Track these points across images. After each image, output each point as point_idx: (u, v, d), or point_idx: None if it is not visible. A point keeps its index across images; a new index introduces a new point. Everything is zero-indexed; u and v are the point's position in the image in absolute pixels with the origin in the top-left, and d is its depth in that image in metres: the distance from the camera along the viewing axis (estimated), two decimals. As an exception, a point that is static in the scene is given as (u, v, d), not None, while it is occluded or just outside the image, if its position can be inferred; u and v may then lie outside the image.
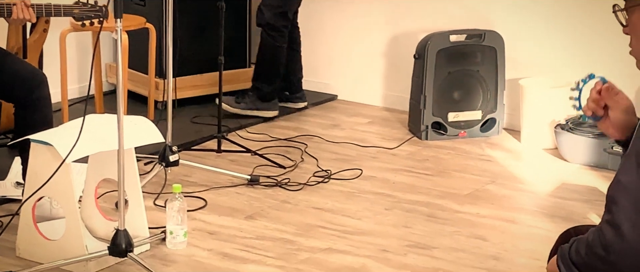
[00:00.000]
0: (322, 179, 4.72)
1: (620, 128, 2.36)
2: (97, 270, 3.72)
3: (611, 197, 2.16)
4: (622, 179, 2.14)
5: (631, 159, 2.14)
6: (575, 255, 2.24)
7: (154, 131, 3.95)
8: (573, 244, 2.27)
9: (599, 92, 2.38)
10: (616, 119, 2.35)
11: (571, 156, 5.02)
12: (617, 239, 2.12)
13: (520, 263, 3.89)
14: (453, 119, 5.38)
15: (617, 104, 2.35)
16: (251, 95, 5.55)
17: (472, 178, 4.81)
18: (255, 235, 4.10)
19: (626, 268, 2.16)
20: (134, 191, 3.88)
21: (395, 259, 3.90)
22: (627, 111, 2.35)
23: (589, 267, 2.22)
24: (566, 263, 2.26)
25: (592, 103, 2.37)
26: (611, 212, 2.14)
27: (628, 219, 2.11)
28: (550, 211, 4.44)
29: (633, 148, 2.15)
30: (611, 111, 2.36)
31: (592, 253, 2.18)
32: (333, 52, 6.06)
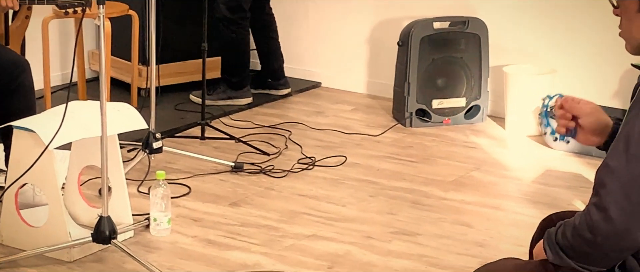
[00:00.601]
0: (306, 166, 4.71)
1: (596, 131, 2.38)
2: (81, 257, 3.70)
3: (599, 180, 2.16)
4: (610, 163, 2.15)
5: (620, 143, 2.14)
6: (562, 238, 2.24)
7: (137, 118, 3.93)
8: (560, 228, 2.27)
9: (561, 106, 2.40)
10: (588, 124, 2.38)
11: (555, 142, 5.02)
12: (604, 222, 2.12)
13: (504, 249, 3.90)
14: (437, 106, 5.37)
15: (583, 110, 2.38)
16: (222, 86, 5.56)
17: (457, 165, 4.81)
18: (240, 222, 4.09)
19: (612, 251, 2.17)
20: (117, 178, 3.86)
21: (379, 245, 3.90)
22: (595, 112, 2.38)
23: (575, 250, 2.22)
24: (552, 246, 2.26)
25: (561, 120, 2.41)
26: (599, 195, 2.14)
27: (615, 203, 2.11)
28: (535, 197, 4.44)
29: (622, 133, 2.15)
30: (581, 120, 2.39)
31: (578, 236, 2.19)
32: (317, 39, 6.05)
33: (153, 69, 4.46)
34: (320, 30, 6.03)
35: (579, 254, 2.21)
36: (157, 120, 4.52)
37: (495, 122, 5.44)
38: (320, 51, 6.05)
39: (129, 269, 3.64)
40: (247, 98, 5.61)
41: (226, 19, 5.46)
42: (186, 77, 5.72)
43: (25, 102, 4.14)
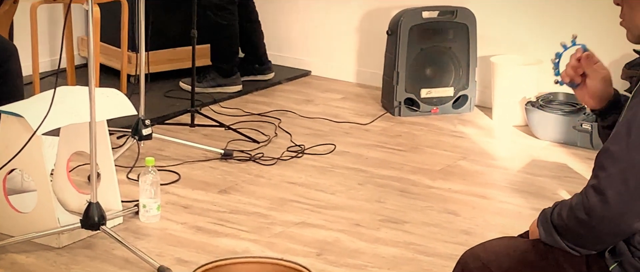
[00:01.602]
0: (295, 153, 4.72)
1: (597, 97, 2.38)
2: (69, 243, 3.71)
3: (599, 163, 2.17)
4: (611, 147, 2.16)
5: (622, 128, 2.15)
6: (557, 218, 2.26)
7: (126, 104, 3.93)
8: (556, 207, 2.28)
9: (578, 59, 2.39)
10: (593, 88, 2.37)
11: (541, 132, 5.06)
12: (601, 205, 2.14)
13: (490, 237, 3.88)
14: (425, 96, 5.40)
15: (596, 73, 2.37)
16: (212, 73, 5.56)
17: (444, 154, 4.83)
18: (229, 209, 4.10)
19: (605, 235, 2.19)
20: (106, 164, 3.87)
21: (367, 233, 3.92)
22: (605, 81, 2.37)
23: (569, 230, 2.23)
24: (546, 226, 2.27)
25: (570, 70, 2.39)
26: (598, 177, 2.16)
27: (613, 187, 2.13)
28: (521, 186, 4.47)
29: (624, 118, 2.17)
30: (589, 80, 2.37)
31: (573, 217, 2.20)
32: (307, 28, 6.06)
33: (142, 55, 4.47)
34: (310, 19, 6.04)
35: (573, 234, 2.22)
36: (146, 107, 4.53)
37: (483, 112, 5.47)
38: (310, 40, 6.06)
39: (118, 255, 3.65)
40: (237, 86, 5.62)
41: (215, 5, 5.46)
42: (176, 64, 5.73)
43: (13, 87, 4.14)
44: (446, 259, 3.73)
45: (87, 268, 3.57)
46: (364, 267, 3.65)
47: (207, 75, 5.58)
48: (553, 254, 2.28)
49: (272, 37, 5.78)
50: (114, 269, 3.56)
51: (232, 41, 5.57)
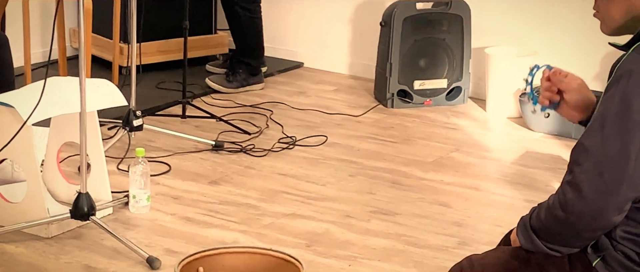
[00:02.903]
0: (286, 145, 4.71)
1: (579, 108, 2.38)
2: (59, 233, 3.70)
3: (574, 159, 2.16)
4: (585, 142, 2.15)
5: (595, 123, 2.14)
6: (536, 220, 2.25)
7: (117, 94, 3.92)
8: (533, 212, 2.28)
9: (548, 78, 2.39)
10: (572, 100, 2.37)
11: (535, 124, 5.04)
12: (577, 200, 2.12)
13: (482, 229, 3.91)
14: (419, 87, 5.38)
15: (569, 86, 2.37)
16: (241, 73, 5.46)
17: (437, 146, 4.82)
18: (219, 200, 4.09)
19: (585, 231, 2.17)
20: (97, 155, 3.85)
21: (358, 224, 3.91)
22: (581, 90, 2.37)
23: (548, 231, 2.22)
24: (525, 232, 2.26)
25: (545, 92, 2.40)
26: (573, 173, 2.15)
27: (589, 181, 2.11)
28: (514, 178, 4.46)
29: (598, 112, 2.16)
30: (566, 94, 2.38)
31: (552, 216, 2.19)
32: (300, 19, 6.04)
33: (134, 46, 4.45)
34: (302, 11, 6.02)
35: (552, 235, 2.21)
36: (138, 99, 4.51)
37: (476, 104, 5.45)
38: (303, 31, 6.04)
39: (108, 245, 3.64)
40: (262, 83, 5.55)
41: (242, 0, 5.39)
42: (168, 56, 5.70)
43: (4, 77, 4.12)
44: (437, 250, 3.72)
45: (76, 258, 3.55)
46: (354, 258, 3.63)
47: (237, 75, 5.46)
48: (535, 258, 2.27)
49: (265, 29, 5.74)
50: (103, 259, 3.55)
51: (260, 36, 5.48)
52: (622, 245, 2.17)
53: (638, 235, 2.16)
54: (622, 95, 2.08)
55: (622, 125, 2.08)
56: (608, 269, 2.19)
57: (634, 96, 2.07)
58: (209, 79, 5.47)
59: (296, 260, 2.69)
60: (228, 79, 5.44)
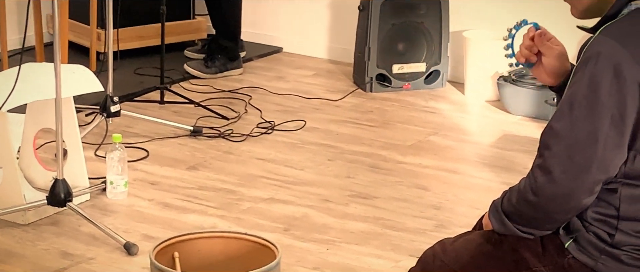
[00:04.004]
0: (265, 130, 4.70)
1: (554, 74, 2.36)
2: (36, 220, 3.69)
3: (544, 142, 2.16)
4: (554, 125, 2.15)
5: (564, 105, 2.14)
6: (507, 204, 2.25)
7: (93, 80, 3.91)
8: (505, 195, 2.28)
9: (532, 38, 2.37)
10: (549, 65, 2.35)
11: (513, 107, 5.06)
12: (548, 184, 2.13)
13: (460, 212, 3.92)
14: (397, 71, 5.38)
15: (551, 50, 2.35)
16: (220, 58, 5.43)
17: (416, 129, 4.82)
18: (197, 185, 4.08)
19: (556, 213, 2.17)
20: (73, 141, 3.84)
21: (337, 208, 3.91)
22: (560, 57, 2.35)
23: (520, 215, 2.22)
24: (497, 215, 2.26)
25: (525, 50, 2.36)
26: (543, 157, 2.15)
27: (559, 165, 2.12)
28: (492, 161, 4.47)
29: (566, 95, 2.16)
30: (544, 57, 2.35)
31: (523, 199, 2.19)
32: (278, 4, 6.02)
33: (110, 32, 4.42)
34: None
35: (524, 218, 2.21)
36: (116, 85, 4.49)
37: (455, 87, 5.46)
38: (282, 16, 6.03)
39: (85, 231, 3.63)
40: (240, 68, 5.53)
41: None
42: (146, 42, 5.68)
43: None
44: (415, 233, 3.73)
45: (54, 244, 3.55)
46: (332, 242, 3.64)
47: (216, 61, 5.43)
48: (507, 241, 2.27)
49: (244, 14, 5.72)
50: (81, 245, 3.54)
51: (238, 19, 5.46)
52: (594, 226, 2.18)
53: (609, 216, 2.17)
54: (590, 78, 2.08)
55: (590, 107, 2.08)
56: (580, 250, 2.19)
57: (602, 78, 2.07)
58: (187, 64, 5.45)
59: (272, 244, 2.69)
60: (206, 64, 5.43)
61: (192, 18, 5.93)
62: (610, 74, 2.06)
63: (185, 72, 5.42)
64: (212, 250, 2.74)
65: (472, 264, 2.32)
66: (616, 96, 2.07)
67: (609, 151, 2.09)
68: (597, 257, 2.18)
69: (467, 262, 2.33)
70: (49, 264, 3.42)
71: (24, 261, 3.43)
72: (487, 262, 2.30)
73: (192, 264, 2.69)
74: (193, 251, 2.73)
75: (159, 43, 5.00)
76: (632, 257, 2.16)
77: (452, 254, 2.36)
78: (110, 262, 3.45)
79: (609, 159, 2.09)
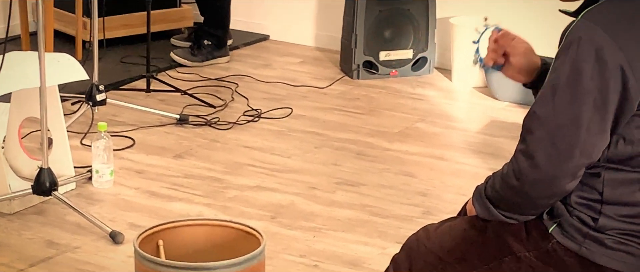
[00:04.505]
0: (252, 118, 4.69)
1: (524, 71, 2.37)
2: (21, 209, 3.68)
3: (527, 127, 2.17)
4: (537, 110, 2.15)
5: (547, 91, 2.14)
6: (491, 190, 2.25)
7: (77, 68, 3.89)
8: (489, 181, 2.28)
9: (495, 41, 2.38)
10: (518, 64, 2.36)
11: (500, 93, 5.05)
12: (531, 169, 2.13)
13: (447, 199, 3.92)
14: (384, 58, 5.37)
15: (516, 49, 2.36)
16: (208, 46, 5.40)
17: (403, 116, 4.82)
18: (183, 173, 4.07)
19: (539, 198, 2.17)
20: (58, 130, 3.82)
21: (323, 196, 3.91)
22: (527, 54, 2.36)
23: (503, 200, 2.22)
24: (480, 201, 2.26)
25: (491, 53, 2.38)
26: (526, 142, 2.15)
27: (542, 150, 2.11)
28: (479, 147, 4.47)
29: (549, 80, 2.15)
30: (512, 57, 2.37)
31: (506, 185, 2.19)
32: (265, -9, 6.01)
33: (95, 20, 4.41)
34: (268, -17, 5.99)
35: (508, 203, 2.21)
36: (102, 73, 4.47)
37: (442, 74, 5.45)
38: (268, 4, 6.01)
39: (70, 220, 3.62)
40: (227, 56, 5.50)
41: None
42: (132, 30, 5.65)
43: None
44: (401, 220, 3.72)
45: (39, 234, 3.53)
46: (319, 229, 3.64)
47: (202, 49, 5.39)
48: (492, 227, 2.27)
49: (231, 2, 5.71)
50: (66, 234, 3.54)
51: (228, 6, 5.43)
52: (578, 210, 2.18)
53: (592, 200, 2.17)
54: (573, 63, 2.08)
55: (573, 92, 2.08)
56: (564, 235, 2.19)
57: (584, 63, 2.07)
58: (173, 52, 5.43)
59: (256, 231, 2.68)
60: (193, 52, 5.41)
61: (178, 6, 5.90)
62: (592, 58, 2.06)
63: (172, 60, 5.40)
64: (197, 238, 2.73)
65: (456, 250, 2.32)
66: (598, 81, 2.06)
67: (592, 135, 2.09)
68: (581, 241, 2.18)
69: (451, 248, 2.32)
70: (35, 253, 3.41)
71: (9, 250, 3.42)
72: (470, 247, 2.30)
73: (176, 252, 2.69)
74: (177, 239, 2.72)
75: (145, 31, 4.97)
76: (616, 241, 2.16)
77: (436, 240, 2.35)
78: (96, 251, 3.44)
79: (592, 144, 2.09)
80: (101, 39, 4.89)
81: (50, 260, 3.38)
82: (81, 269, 3.32)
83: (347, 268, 3.39)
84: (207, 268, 2.50)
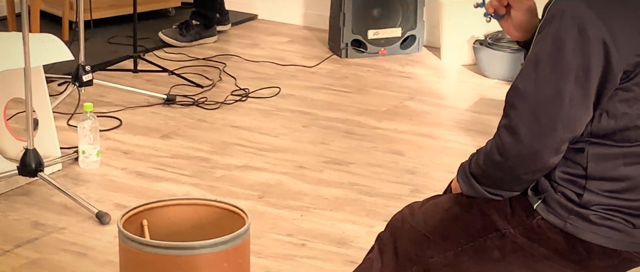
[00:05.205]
0: (239, 97, 4.67)
1: (521, 28, 2.33)
2: (7, 190, 3.66)
3: (509, 102, 2.15)
4: (519, 85, 2.14)
5: (529, 65, 2.13)
6: (475, 166, 2.23)
7: (62, 49, 3.86)
8: (473, 157, 2.26)
9: None
10: (517, 19, 2.32)
11: (490, 71, 5.04)
12: (514, 144, 2.11)
13: (436, 177, 3.91)
14: (373, 37, 5.34)
15: (520, 4, 2.31)
16: (195, 25, 5.37)
17: (391, 95, 4.80)
18: (170, 154, 4.06)
19: (523, 174, 2.16)
20: (44, 110, 3.80)
21: (311, 175, 3.90)
22: (529, 12, 2.32)
23: (487, 176, 2.21)
24: (465, 178, 2.25)
25: (495, 1, 2.34)
26: (508, 117, 2.14)
27: (525, 124, 2.10)
28: (468, 125, 4.45)
29: (531, 54, 2.14)
30: (513, 11, 2.32)
31: (490, 161, 2.18)
32: (253, -29, 5.97)
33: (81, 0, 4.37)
34: (256, -38, 5.95)
35: (492, 180, 2.20)
36: (89, 54, 4.45)
37: (431, 52, 5.42)
38: (257, -17, 5.97)
39: (56, 201, 3.61)
40: (215, 36, 5.47)
41: None
42: (119, 10, 5.61)
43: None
44: (389, 198, 3.71)
45: (25, 215, 3.52)
46: (306, 208, 3.62)
47: (190, 28, 5.35)
48: (476, 204, 2.26)
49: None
50: (52, 215, 3.52)
51: None
52: (562, 186, 2.17)
53: (577, 175, 2.16)
54: (555, 36, 2.06)
55: (555, 66, 2.07)
56: (549, 211, 2.18)
57: (566, 37, 2.05)
58: (161, 33, 5.39)
59: (241, 210, 2.66)
60: (181, 32, 5.37)
61: (164, -15, 5.87)
62: (574, 32, 2.04)
63: (160, 40, 5.37)
64: (182, 217, 2.71)
65: (441, 227, 2.30)
66: (580, 55, 2.05)
67: (575, 109, 2.07)
68: (566, 217, 2.17)
69: (436, 225, 2.31)
70: (20, 234, 3.40)
71: (-5, 231, 3.41)
72: (455, 225, 2.29)
73: (161, 232, 2.66)
74: (162, 219, 2.70)
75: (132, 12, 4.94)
76: (601, 216, 2.16)
77: (421, 217, 2.34)
78: (82, 231, 3.43)
79: (574, 118, 2.08)
80: (88, 20, 4.86)
81: (36, 241, 3.36)
82: (67, 250, 3.31)
83: (334, 247, 3.38)
84: (191, 247, 2.48)
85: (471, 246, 2.27)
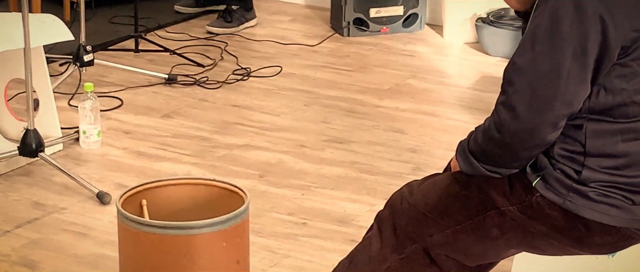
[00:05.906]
0: (241, 77, 4.66)
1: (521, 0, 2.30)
2: (8, 171, 3.67)
3: (507, 78, 2.14)
4: (517, 60, 2.12)
5: (526, 40, 2.11)
6: (473, 143, 2.22)
7: (63, 29, 3.85)
8: (472, 135, 2.25)
9: None
10: None
11: (492, 48, 5.02)
12: (512, 120, 2.10)
13: (437, 155, 3.90)
14: (375, 15, 5.32)
15: None
16: (238, 10, 5.33)
17: (393, 73, 4.78)
18: (172, 133, 4.05)
19: (521, 150, 2.15)
20: (44, 91, 3.80)
21: (312, 154, 3.89)
22: None
23: (486, 153, 2.20)
24: (464, 155, 2.24)
25: None
26: (506, 93, 2.13)
27: (522, 100, 2.09)
28: (470, 103, 4.44)
29: (529, 30, 2.12)
30: None
31: (488, 138, 2.17)
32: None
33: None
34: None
35: (490, 157, 2.19)
36: (91, 34, 4.44)
37: (434, 30, 5.40)
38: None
39: (57, 181, 3.60)
40: (255, 18, 5.46)
41: None
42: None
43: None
44: (391, 177, 3.71)
45: (26, 195, 3.52)
46: (307, 187, 3.62)
47: (234, 13, 5.30)
48: (475, 181, 2.25)
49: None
50: (53, 195, 3.52)
51: None
52: (561, 163, 2.16)
53: (575, 152, 2.15)
54: (552, 12, 2.05)
55: (552, 42, 2.05)
56: (548, 188, 2.17)
57: (563, 12, 2.04)
58: (208, 25, 5.31)
59: (240, 190, 2.65)
60: (226, 19, 5.32)
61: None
62: (571, 7, 2.03)
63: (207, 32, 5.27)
64: (181, 197, 2.71)
65: (440, 205, 2.30)
66: (578, 30, 2.04)
67: (572, 85, 2.06)
68: (565, 194, 2.16)
69: (435, 203, 2.30)
70: (21, 214, 3.40)
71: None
72: (454, 202, 2.28)
73: (160, 212, 2.66)
74: (162, 198, 2.69)
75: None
76: (600, 193, 2.15)
77: (419, 195, 2.33)
78: (83, 211, 3.43)
79: (572, 94, 2.07)
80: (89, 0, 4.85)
81: (36, 221, 3.36)
82: (68, 230, 3.31)
83: (335, 225, 3.37)
84: (190, 227, 2.48)
85: (470, 223, 2.27)
